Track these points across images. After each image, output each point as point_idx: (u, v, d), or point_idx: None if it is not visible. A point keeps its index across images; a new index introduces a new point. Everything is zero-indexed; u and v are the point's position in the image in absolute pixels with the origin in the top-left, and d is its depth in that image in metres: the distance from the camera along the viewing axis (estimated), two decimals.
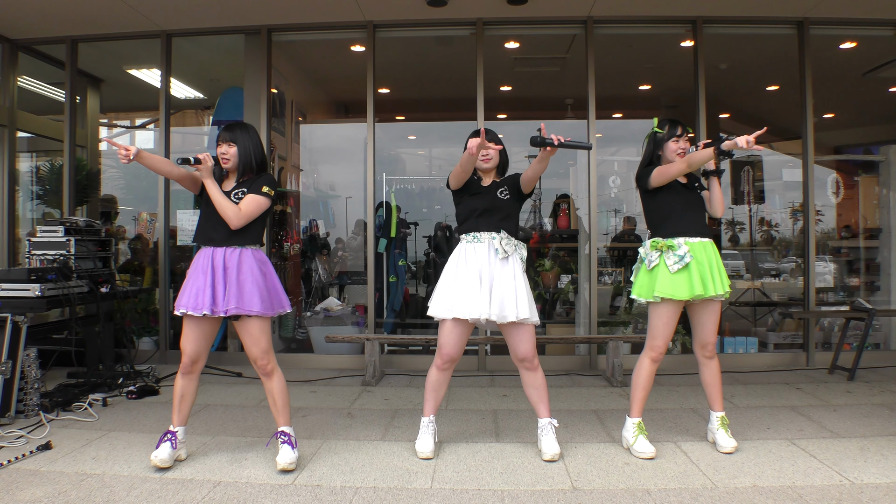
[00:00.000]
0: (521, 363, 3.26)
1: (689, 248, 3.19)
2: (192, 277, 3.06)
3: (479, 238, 3.21)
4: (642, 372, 3.34)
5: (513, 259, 3.20)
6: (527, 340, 3.21)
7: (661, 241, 3.25)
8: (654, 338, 3.29)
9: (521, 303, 3.13)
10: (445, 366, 3.28)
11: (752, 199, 7.22)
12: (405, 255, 6.67)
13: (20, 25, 5.70)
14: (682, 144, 3.31)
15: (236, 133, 3.15)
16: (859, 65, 6.81)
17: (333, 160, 8.23)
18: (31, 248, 4.71)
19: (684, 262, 3.16)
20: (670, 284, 3.17)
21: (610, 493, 2.79)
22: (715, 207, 3.37)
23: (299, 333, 6.53)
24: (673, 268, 3.18)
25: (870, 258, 7.00)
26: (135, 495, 2.77)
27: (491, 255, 3.18)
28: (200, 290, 3.00)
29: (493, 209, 3.22)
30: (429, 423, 3.33)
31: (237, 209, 3.04)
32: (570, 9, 5.45)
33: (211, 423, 3.86)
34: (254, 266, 3.08)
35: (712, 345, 3.34)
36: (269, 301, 3.09)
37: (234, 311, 3.01)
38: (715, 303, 3.30)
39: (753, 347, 5.72)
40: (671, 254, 3.20)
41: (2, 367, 3.72)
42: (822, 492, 2.77)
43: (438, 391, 3.33)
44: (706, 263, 3.21)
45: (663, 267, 3.21)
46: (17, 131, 6.20)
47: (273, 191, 3.16)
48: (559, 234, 6.72)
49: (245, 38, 5.90)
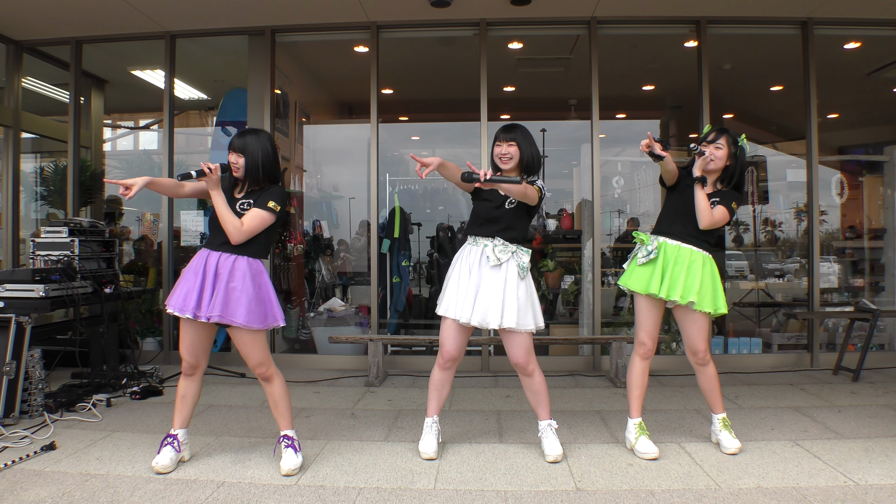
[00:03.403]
0: (516, 368, 3.26)
1: (658, 246, 3.27)
2: (185, 277, 3.01)
3: (476, 242, 3.23)
4: (634, 370, 3.39)
5: (506, 266, 3.14)
6: (518, 347, 3.19)
7: (643, 234, 3.38)
8: (637, 332, 3.39)
9: (507, 311, 3.09)
10: (447, 364, 3.28)
11: (756, 199, 7.20)
12: (408, 255, 6.67)
13: (25, 27, 5.72)
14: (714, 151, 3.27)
15: (246, 142, 3.04)
16: (863, 65, 6.79)
17: (337, 161, 8.23)
18: (35, 249, 4.71)
19: (649, 257, 3.27)
20: (635, 276, 3.32)
21: (613, 493, 2.79)
22: (697, 216, 3.23)
23: (303, 334, 6.54)
24: (640, 261, 3.31)
25: (874, 259, 6.98)
26: (139, 495, 2.77)
27: (483, 259, 3.17)
28: (189, 292, 2.94)
29: (496, 219, 3.17)
30: (432, 423, 3.33)
31: (238, 224, 2.94)
32: (573, 9, 5.45)
33: (214, 424, 3.86)
34: (246, 275, 2.97)
35: (703, 352, 3.30)
36: (257, 313, 2.96)
37: (217, 320, 2.91)
38: (693, 312, 3.25)
39: (757, 348, 5.70)
40: (643, 248, 3.33)
41: (6, 367, 3.73)
42: (827, 493, 2.76)
43: (441, 391, 3.33)
44: (680, 266, 3.21)
45: (635, 259, 3.37)
46: (22, 132, 6.22)
47: (280, 206, 3.03)
48: (562, 235, 6.72)
49: (249, 39, 5.91)
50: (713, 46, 5.64)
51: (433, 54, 6.71)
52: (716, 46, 5.72)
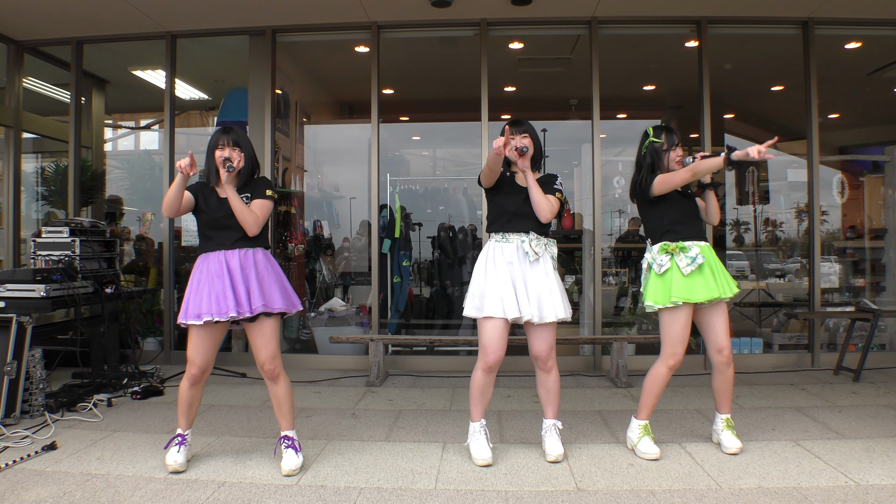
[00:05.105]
0: (536, 361, 3.23)
1: (700, 250, 3.19)
2: (207, 283, 3.00)
3: (507, 238, 3.16)
4: (657, 380, 3.26)
5: (543, 259, 3.15)
6: (545, 340, 3.17)
7: (672, 244, 3.20)
8: (673, 345, 3.19)
9: (556, 302, 3.11)
10: (492, 367, 3.16)
11: (757, 199, 7.21)
12: (409, 255, 6.67)
13: (26, 27, 5.72)
14: (679, 152, 3.31)
15: (238, 136, 3.13)
16: (864, 65, 6.79)
17: (337, 161, 8.23)
18: (36, 249, 4.72)
19: (696, 263, 3.14)
20: (686, 288, 3.13)
21: (614, 493, 2.79)
22: (711, 216, 3.34)
23: (303, 334, 6.54)
24: (686, 270, 3.13)
25: (875, 259, 6.98)
26: (139, 495, 2.77)
27: (521, 255, 3.13)
28: (221, 295, 2.96)
29: (524, 214, 3.13)
30: (480, 427, 3.22)
31: (256, 216, 3.06)
32: (574, 9, 5.45)
33: (215, 424, 3.86)
34: (267, 265, 3.12)
35: (728, 348, 3.25)
36: (287, 298, 3.12)
37: (262, 310, 3.01)
38: (721, 304, 3.27)
39: (758, 348, 5.70)
40: (683, 256, 3.16)
41: (7, 367, 3.73)
42: (827, 493, 2.76)
43: (485, 395, 3.21)
44: (716, 262, 3.23)
45: (676, 270, 3.16)
46: (23, 132, 6.22)
47: (275, 193, 3.22)
48: (563, 235, 6.71)
49: (249, 40, 5.91)
50: (714, 46, 5.64)
51: (434, 54, 6.71)
52: (716, 46, 5.71)
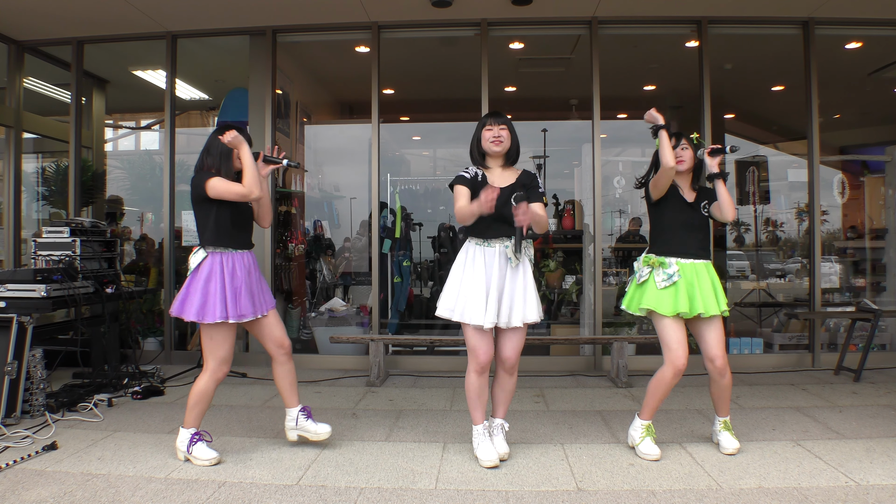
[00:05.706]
0: (502, 364, 3.23)
1: (679, 268, 3.23)
2: (244, 283, 3.17)
3: (489, 243, 3.15)
4: (661, 383, 3.26)
5: (522, 263, 3.16)
6: (517, 344, 3.19)
7: (654, 258, 3.31)
8: (670, 350, 3.23)
9: (529, 306, 3.12)
10: (483, 369, 3.19)
11: (758, 199, 7.20)
12: (410, 255, 6.67)
13: (26, 27, 5.73)
14: (679, 153, 3.33)
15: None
16: (865, 65, 6.79)
17: (338, 161, 8.23)
18: (36, 249, 4.72)
19: (671, 280, 3.22)
20: (655, 298, 3.24)
21: (614, 493, 2.79)
22: (725, 211, 3.30)
23: (304, 334, 6.54)
24: (660, 284, 3.24)
25: (876, 259, 6.97)
26: (140, 495, 2.77)
27: (501, 260, 3.11)
28: (237, 297, 3.15)
29: (503, 219, 3.08)
30: (483, 430, 3.22)
31: None
32: (574, 9, 5.45)
33: (216, 424, 3.86)
34: (257, 266, 3.37)
35: (721, 358, 3.25)
36: None
37: (270, 308, 3.30)
38: (714, 319, 3.27)
39: (759, 348, 5.70)
40: (661, 271, 3.26)
41: (7, 367, 3.73)
42: (828, 493, 2.76)
43: (482, 397, 3.23)
44: (696, 285, 3.22)
45: (651, 283, 3.28)
46: (23, 132, 6.22)
47: None
48: (564, 235, 6.71)
49: (250, 40, 5.91)
50: (714, 46, 5.64)
51: (434, 54, 6.71)
52: (717, 46, 5.71)
